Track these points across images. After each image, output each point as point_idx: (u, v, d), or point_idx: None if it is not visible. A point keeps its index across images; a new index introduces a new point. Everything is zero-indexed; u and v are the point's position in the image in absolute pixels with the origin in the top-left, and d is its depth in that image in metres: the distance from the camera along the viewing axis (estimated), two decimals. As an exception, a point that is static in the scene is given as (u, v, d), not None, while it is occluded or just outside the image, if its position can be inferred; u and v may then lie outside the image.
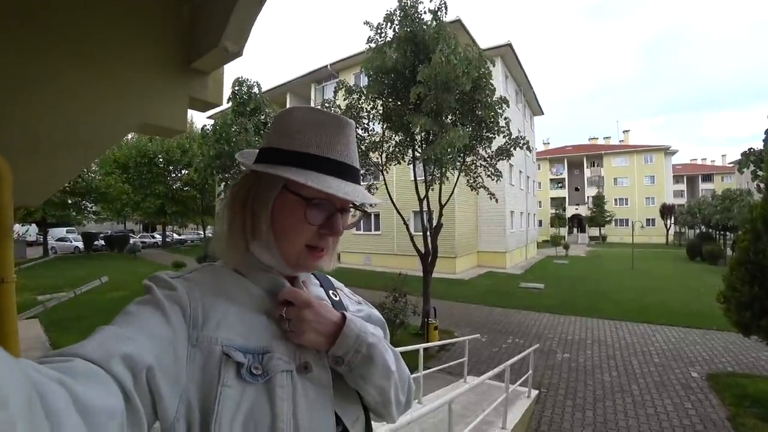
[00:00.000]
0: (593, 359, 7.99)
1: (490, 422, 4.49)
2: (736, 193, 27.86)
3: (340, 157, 0.66)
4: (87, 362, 0.42)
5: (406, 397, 0.75)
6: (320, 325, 0.63)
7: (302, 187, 0.63)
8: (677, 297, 13.93)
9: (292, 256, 0.66)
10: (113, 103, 1.29)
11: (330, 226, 0.65)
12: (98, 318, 10.10)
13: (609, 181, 49.78)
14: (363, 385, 0.65)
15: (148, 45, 1.33)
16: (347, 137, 0.68)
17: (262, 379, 0.55)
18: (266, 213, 0.65)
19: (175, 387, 0.49)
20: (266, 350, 0.58)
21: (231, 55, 1.34)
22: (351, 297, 0.84)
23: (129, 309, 0.54)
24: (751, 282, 5.29)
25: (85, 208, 25.71)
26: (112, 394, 0.41)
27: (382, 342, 0.69)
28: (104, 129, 1.31)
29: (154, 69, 1.36)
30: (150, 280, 0.60)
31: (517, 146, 9.43)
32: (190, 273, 0.64)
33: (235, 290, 0.63)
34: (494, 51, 18.87)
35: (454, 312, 11.66)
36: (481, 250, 21.78)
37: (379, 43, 8.76)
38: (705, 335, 9.53)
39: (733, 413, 5.76)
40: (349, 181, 0.66)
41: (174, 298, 0.56)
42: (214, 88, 1.57)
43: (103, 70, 1.24)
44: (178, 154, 30.63)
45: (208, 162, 14.46)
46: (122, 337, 0.47)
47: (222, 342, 0.55)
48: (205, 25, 1.37)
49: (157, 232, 39.64)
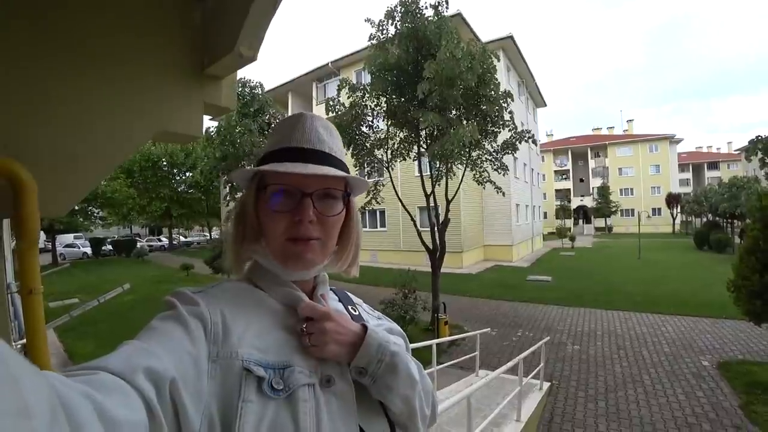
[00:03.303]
0: (603, 350, 7.98)
1: (505, 415, 4.51)
2: (743, 181, 27.51)
3: (299, 143, 0.67)
4: (112, 375, 0.42)
5: (431, 410, 0.74)
6: (341, 336, 0.63)
7: (264, 179, 0.67)
8: (686, 286, 13.87)
9: (278, 251, 0.66)
10: (130, 112, 1.30)
11: (299, 211, 0.64)
12: (110, 323, 10.22)
13: (614, 171, 49.45)
14: (388, 395, 0.64)
15: (162, 51, 1.34)
16: (304, 124, 0.69)
17: (283, 393, 0.55)
18: (251, 217, 0.68)
19: (197, 402, 0.49)
20: (287, 364, 0.58)
21: (246, 60, 1.35)
22: (371, 312, 0.83)
23: (152, 324, 0.55)
24: (762, 270, 5.27)
25: (92, 214, 25.90)
26: (136, 407, 0.41)
27: (405, 352, 0.69)
28: (122, 138, 1.33)
29: (168, 75, 1.37)
30: (172, 296, 0.60)
31: (522, 140, 9.41)
32: (212, 288, 0.65)
33: (254, 305, 0.64)
34: (496, 44, 18.77)
35: (462, 307, 11.67)
36: (487, 244, 21.76)
37: (381, 40, 8.75)
38: (715, 324, 9.49)
39: (744, 401, 5.75)
40: (311, 162, 0.65)
41: (196, 314, 0.56)
42: (227, 93, 1.58)
43: (119, 78, 1.26)
44: (182, 156, 30.79)
45: (213, 164, 14.54)
46: (146, 351, 0.48)
47: (243, 357, 0.55)
48: (218, 30, 1.38)
49: (164, 236, 39.90)
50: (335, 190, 0.68)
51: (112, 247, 29.82)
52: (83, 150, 1.26)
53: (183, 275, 18.28)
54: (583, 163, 52.47)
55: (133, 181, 28.53)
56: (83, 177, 1.39)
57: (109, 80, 1.24)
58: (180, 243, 38.93)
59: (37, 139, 1.15)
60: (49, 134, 1.17)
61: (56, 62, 1.14)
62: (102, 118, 1.25)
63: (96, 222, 26.91)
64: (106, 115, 1.26)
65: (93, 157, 1.31)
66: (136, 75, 1.29)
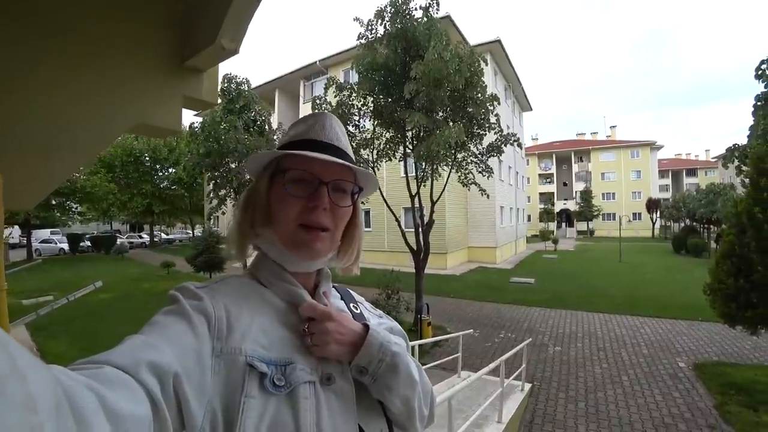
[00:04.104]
0: (584, 352, 8.10)
1: (486, 416, 4.53)
2: (719, 188, 28.31)
3: (318, 137, 0.70)
4: (116, 369, 0.42)
5: (429, 410, 0.75)
6: (342, 336, 0.64)
7: (283, 165, 0.68)
8: (664, 290, 14.19)
9: (288, 237, 0.67)
10: (106, 102, 1.25)
11: (315, 198, 0.66)
12: (86, 321, 9.95)
13: (596, 175, 50.38)
14: (388, 395, 0.65)
15: (141, 42, 1.30)
16: (323, 122, 0.72)
17: (285, 390, 0.55)
18: (262, 203, 0.69)
19: (201, 396, 0.50)
20: (289, 361, 0.59)
21: (227, 52, 1.31)
22: (372, 311, 0.84)
23: (156, 319, 0.55)
24: (737, 274, 5.41)
25: (70, 209, 25.23)
26: (141, 401, 0.42)
27: (406, 352, 0.70)
28: (97, 130, 1.28)
29: (147, 67, 1.33)
30: (176, 290, 0.61)
31: (507, 143, 9.48)
32: (216, 283, 0.65)
33: (258, 301, 0.64)
34: (484, 47, 18.92)
35: (446, 308, 11.72)
36: (471, 245, 21.93)
37: (369, 39, 8.72)
38: (691, 326, 9.73)
39: (719, 401, 5.90)
40: (329, 155, 0.67)
41: (200, 309, 0.57)
42: (209, 87, 1.53)
43: (95, 68, 1.21)
44: (165, 152, 30.27)
45: (196, 160, 14.31)
46: (150, 345, 0.48)
47: (246, 353, 0.56)
48: (200, 22, 1.33)
49: (145, 232, 39.15)
50: (347, 183, 0.70)
51: (90, 244, 29.09)
52: (55, 141, 1.20)
53: (164, 273, 17.92)
54: (566, 167, 53.32)
55: (114, 176, 27.93)
56: (54, 169, 1.34)
57: (85, 70, 1.19)
58: (162, 240, 38.28)
59: (4, 130, 1.09)
60: (19, 124, 1.12)
61: (29, 50, 1.09)
62: (76, 108, 1.20)
63: (74, 217, 26.23)
64: (80, 105, 1.20)
65: (66, 149, 1.26)
66: (113, 65, 1.24)
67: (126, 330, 0.53)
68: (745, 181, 6.29)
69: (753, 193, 5.46)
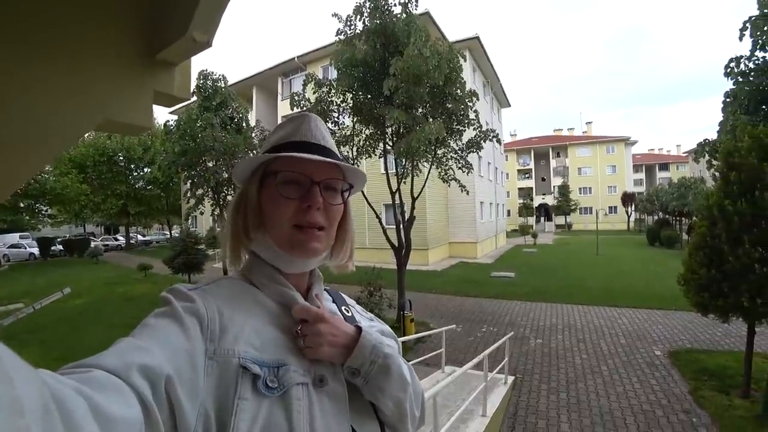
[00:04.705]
0: (564, 343, 8.27)
1: (471, 410, 4.56)
2: (690, 181, 29.21)
3: (305, 138, 0.70)
4: (106, 373, 0.42)
5: (420, 412, 0.75)
6: (335, 338, 0.64)
7: (273, 167, 0.68)
8: (640, 281, 14.62)
9: (284, 238, 0.66)
10: (70, 98, 1.18)
11: (308, 198, 0.66)
12: (58, 329, 9.60)
13: (573, 170, 51.44)
14: (380, 397, 0.66)
15: (108, 34, 1.22)
16: (310, 123, 0.72)
17: (278, 392, 0.55)
18: (253, 206, 0.68)
19: (193, 399, 0.49)
20: (282, 363, 0.59)
21: (199, 45, 1.25)
22: (363, 314, 0.84)
23: (147, 321, 0.54)
24: (709, 265, 5.57)
25: (40, 212, 24.27)
26: (131, 404, 0.41)
27: (398, 354, 0.71)
28: (61, 127, 1.20)
29: (114, 60, 1.25)
30: (168, 292, 0.60)
31: (487, 139, 9.56)
32: (208, 285, 0.65)
33: (250, 303, 0.64)
34: (462, 44, 18.97)
35: (428, 303, 11.80)
36: (452, 241, 22.10)
37: (348, 35, 8.64)
38: (666, 316, 10.05)
39: (693, 387, 6.13)
40: (317, 155, 0.67)
41: (192, 311, 0.56)
42: (181, 82, 1.46)
43: (58, 61, 1.13)
44: (140, 151, 29.50)
45: (172, 159, 13.93)
46: (140, 348, 0.47)
47: (239, 354, 0.55)
48: (170, 13, 1.27)
49: (120, 234, 38.01)
50: (338, 181, 0.70)
51: (62, 248, 28.09)
52: (14, 140, 1.13)
53: (140, 276, 17.46)
54: (544, 163, 54.28)
55: (86, 176, 27.03)
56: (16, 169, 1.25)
57: (45, 62, 1.11)
58: (138, 242, 37.27)
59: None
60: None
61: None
62: (36, 104, 1.12)
63: (44, 220, 25.24)
64: (41, 101, 1.13)
65: (26, 148, 1.17)
66: (77, 58, 1.16)
67: (102, 336, 0.49)
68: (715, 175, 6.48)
69: (723, 187, 5.63)
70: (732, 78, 9.27)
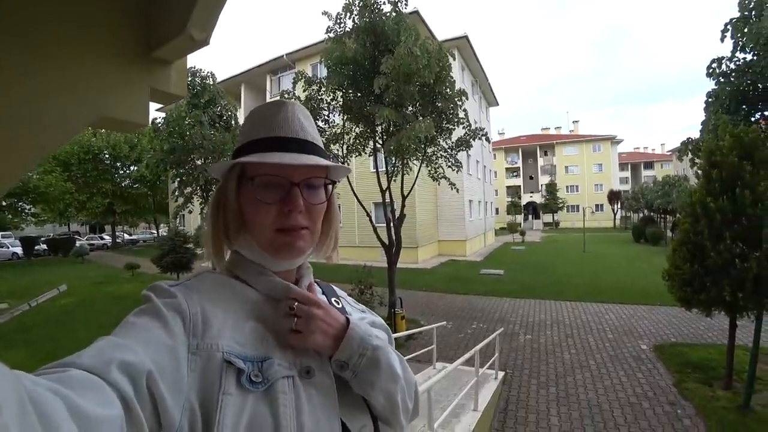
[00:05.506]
0: (553, 339, 8.39)
1: (462, 405, 4.62)
2: (674, 179, 29.75)
3: (281, 132, 0.65)
4: (84, 372, 0.41)
5: (413, 403, 0.74)
6: (327, 327, 0.63)
7: (249, 170, 0.65)
8: (626, 277, 14.88)
9: (266, 243, 0.65)
10: (66, 95, 1.17)
11: (289, 202, 0.63)
12: (44, 329, 9.45)
13: (561, 169, 52.07)
14: (370, 391, 0.64)
15: (105, 31, 1.22)
16: (286, 113, 0.67)
17: (262, 386, 0.54)
18: (233, 209, 0.66)
19: (177, 394, 0.48)
20: (266, 357, 0.57)
21: (197, 43, 1.25)
22: (354, 306, 0.83)
23: (128, 319, 0.53)
24: (692, 260, 5.71)
25: (23, 210, 23.77)
26: (111, 402, 0.40)
27: (387, 346, 0.69)
28: (57, 124, 1.19)
29: (111, 58, 1.25)
30: (149, 290, 0.59)
31: (475, 137, 9.63)
32: (189, 280, 0.63)
33: (234, 297, 0.63)
34: (451, 43, 19.03)
35: (418, 301, 11.86)
36: (441, 239, 22.22)
37: (338, 33, 8.63)
38: (651, 310, 10.25)
39: (678, 379, 6.28)
40: (295, 152, 0.64)
41: (173, 306, 0.55)
42: (177, 79, 1.46)
43: (53, 58, 1.12)
44: (126, 149, 29.00)
45: (160, 157, 13.76)
46: (120, 345, 0.46)
47: (223, 349, 0.54)
48: (168, 10, 1.27)
49: (106, 233, 37.43)
50: (319, 179, 0.68)
51: (46, 247, 27.55)
52: (8, 137, 1.12)
53: (128, 275, 17.22)
54: (532, 161, 54.82)
55: (70, 174, 26.54)
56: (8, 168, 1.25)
57: (41, 59, 1.11)
58: (125, 241, 36.82)
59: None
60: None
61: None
62: (32, 101, 1.12)
63: (27, 219, 24.71)
64: (37, 98, 1.12)
65: (21, 146, 1.17)
66: (73, 55, 1.16)
67: (89, 336, 0.50)
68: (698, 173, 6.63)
69: (705, 185, 5.78)
70: (714, 78, 9.47)
